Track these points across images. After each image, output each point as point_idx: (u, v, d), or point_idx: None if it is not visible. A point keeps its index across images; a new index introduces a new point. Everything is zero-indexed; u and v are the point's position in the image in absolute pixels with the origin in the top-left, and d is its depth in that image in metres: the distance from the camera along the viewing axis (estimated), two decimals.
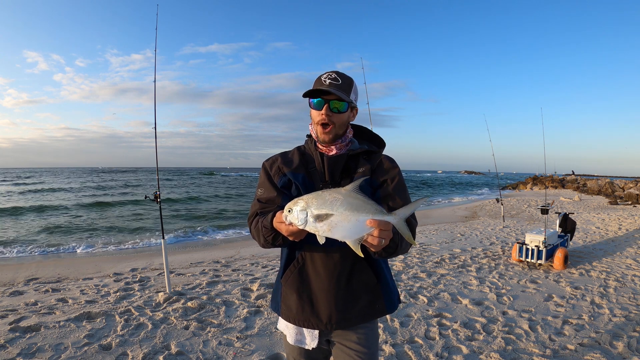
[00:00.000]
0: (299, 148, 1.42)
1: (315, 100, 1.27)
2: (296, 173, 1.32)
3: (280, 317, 1.40)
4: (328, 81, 1.25)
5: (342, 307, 1.28)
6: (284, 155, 1.40)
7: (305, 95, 1.28)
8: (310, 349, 1.34)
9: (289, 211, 1.04)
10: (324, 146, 1.33)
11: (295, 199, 1.06)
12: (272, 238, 1.20)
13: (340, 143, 1.33)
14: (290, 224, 1.05)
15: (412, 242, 1.08)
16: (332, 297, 1.27)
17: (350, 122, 1.41)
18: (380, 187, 1.31)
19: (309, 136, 1.38)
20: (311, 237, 1.15)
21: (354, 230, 1.01)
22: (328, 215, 1.00)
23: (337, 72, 1.29)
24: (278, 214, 1.12)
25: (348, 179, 1.29)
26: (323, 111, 1.25)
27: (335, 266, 1.27)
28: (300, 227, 1.03)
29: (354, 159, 1.33)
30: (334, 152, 1.32)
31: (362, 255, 1.05)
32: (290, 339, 1.36)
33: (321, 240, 1.05)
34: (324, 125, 1.27)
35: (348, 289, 1.28)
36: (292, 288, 1.31)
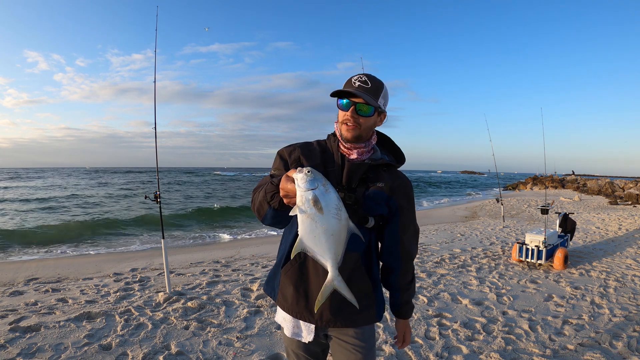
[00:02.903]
0: (319, 143, 1.38)
1: (343, 101, 1.27)
2: (315, 169, 1.30)
3: (278, 310, 1.41)
4: (357, 84, 1.25)
5: (336, 309, 1.28)
6: (304, 146, 1.35)
7: (332, 95, 1.27)
8: (307, 342, 1.35)
9: (308, 172, 0.98)
10: (346, 148, 1.31)
11: (324, 177, 1.01)
12: (271, 196, 1.14)
13: (362, 148, 1.31)
14: (294, 182, 1.01)
15: (353, 302, 1.14)
16: (327, 298, 1.25)
17: (376, 129, 1.39)
18: (399, 211, 1.33)
19: (333, 135, 1.35)
20: None
21: (312, 240, 1.00)
22: (320, 209, 0.97)
23: (367, 75, 1.28)
24: (291, 170, 1.06)
25: (364, 187, 1.28)
26: (349, 113, 1.25)
27: None
28: (297, 190, 0.99)
29: (374, 169, 1.32)
30: (354, 156, 1.30)
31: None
32: (287, 332, 1.37)
33: (292, 213, 1.02)
34: (348, 124, 1.26)
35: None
36: (291, 280, 1.32)
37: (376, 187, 1.28)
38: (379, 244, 1.41)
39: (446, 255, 6.05)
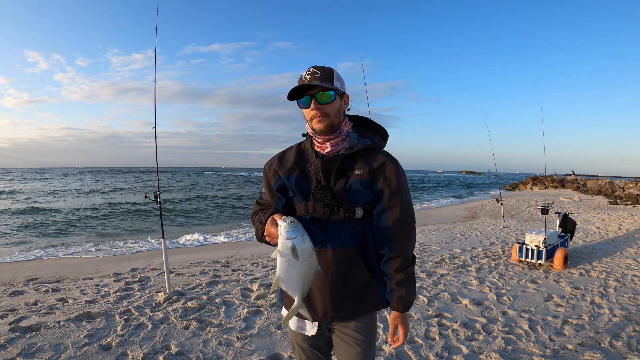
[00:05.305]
0: (298, 145, 1.42)
1: (302, 99, 1.28)
2: (290, 175, 1.33)
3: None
4: (308, 77, 1.26)
5: (337, 305, 1.30)
6: (281, 155, 1.41)
7: (289, 97, 1.27)
8: (310, 335, 1.38)
9: (291, 222, 1.11)
10: (319, 143, 1.32)
11: (302, 227, 1.13)
12: (261, 234, 1.29)
13: (335, 139, 1.31)
14: (277, 227, 1.15)
15: (307, 317, 1.27)
16: (327, 296, 1.29)
17: (348, 114, 1.39)
18: (382, 193, 1.28)
19: (306, 134, 1.39)
20: (316, 235, 1.25)
21: (287, 280, 1.15)
22: (296, 256, 1.10)
23: (315, 67, 1.28)
24: (277, 215, 1.20)
25: (344, 179, 1.28)
26: (312, 106, 1.26)
27: (330, 267, 1.28)
28: (279, 237, 1.13)
29: (351, 157, 1.30)
30: (328, 149, 1.31)
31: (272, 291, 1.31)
32: (292, 325, 1.41)
33: (272, 255, 1.16)
34: (315, 118, 1.27)
35: (344, 289, 1.30)
36: None
37: (355, 176, 1.27)
38: None
39: (446, 255, 6.05)
